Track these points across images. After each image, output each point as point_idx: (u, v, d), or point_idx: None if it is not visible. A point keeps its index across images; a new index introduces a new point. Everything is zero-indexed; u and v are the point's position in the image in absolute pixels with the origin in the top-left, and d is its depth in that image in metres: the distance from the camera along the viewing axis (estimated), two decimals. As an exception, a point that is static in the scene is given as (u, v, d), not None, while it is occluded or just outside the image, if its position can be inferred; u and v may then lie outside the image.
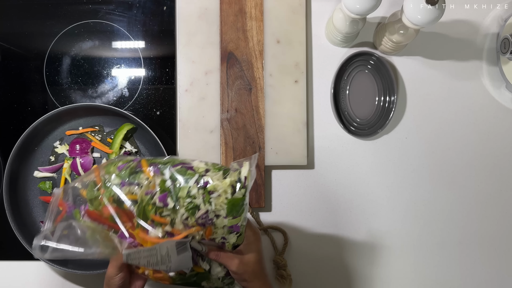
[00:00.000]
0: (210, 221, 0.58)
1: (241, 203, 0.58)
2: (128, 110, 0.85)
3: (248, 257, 0.62)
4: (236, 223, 0.58)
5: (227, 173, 0.58)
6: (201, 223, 0.58)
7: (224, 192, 0.57)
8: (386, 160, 0.84)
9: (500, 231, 0.83)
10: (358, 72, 0.84)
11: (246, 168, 0.58)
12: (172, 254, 0.57)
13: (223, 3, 0.82)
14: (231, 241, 0.60)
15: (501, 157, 0.84)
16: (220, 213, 0.57)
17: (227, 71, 0.81)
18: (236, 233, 0.59)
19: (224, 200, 0.57)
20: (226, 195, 0.57)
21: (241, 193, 0.57)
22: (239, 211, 0.58)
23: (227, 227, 0.58)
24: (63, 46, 0.87)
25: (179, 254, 0.58)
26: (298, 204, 0.83)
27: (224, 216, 0.57)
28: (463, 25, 0.85)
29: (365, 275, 0.83)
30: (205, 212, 0.57)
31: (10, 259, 0.83)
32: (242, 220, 0.59)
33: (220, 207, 0.57)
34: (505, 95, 0.84)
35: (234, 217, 0.58)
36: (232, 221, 0.58)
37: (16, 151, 0.77)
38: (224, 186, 0.57)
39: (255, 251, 0.62)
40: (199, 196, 0.57)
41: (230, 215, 0.57)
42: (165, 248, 0.57)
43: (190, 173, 0.58)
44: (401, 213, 0.83)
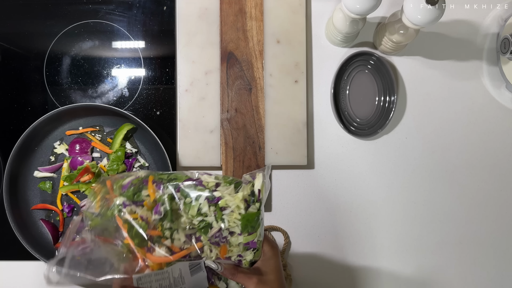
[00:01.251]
0: (224, 240, 0.54)
1: (256, 218, 0.54)
2: (128, 110, 0.85)
3: (267, 275, 0.58)
4: (252, 239, 0.55)
5: (239, 187, 0.55)
6: (214, 242, 0.55)
7: (237, 208, 0.53)
8: (386, 160, 0.84)
9: (500, 231, 0.83)
10: (358, 72, 0.84)
11: (259, 180, 0.55)
12: (186, 276, 0.55)
13: (223, 3, 0.82)
14: (248, 258, 0.57)
15: (501, 157, 0.84)
16: (235, 230, 0.54)
17: (227, 71, 0.81)
18: (253, 250, 0.56)
19: (237, 216, 0.53)
20: (239, 211, 0.53)
21: (256, 207, 0.54)
22: (254, 227, 0.54)
23: (242, 244, 0.55)
24: (63, 46, 0.87)
25: (193, 274, 0.55)
26: (298, 204, 0.83)
27: (238, 233, 0.54)
28: (463, 25, 0.85)
29: (364, 275, 0.83)
30: (218, 231, 0.54)
31: (10, 259, 0.83)
32: (259, 236, 0.56)
33: (234, 224, 0.54)
34: (505, 95, 0.84)
35: (250, 233, 0.54)
36: (248, 237, 0.54)
37: (16, 151, 0.77)
38: (236, 201, 0.53)
39: (274, 268, 0.59)
40: (210, 213, 0.54)
41: (245, 231, 0.54)
42: (177, 270, 0.54)
43: (200, 188, 0.54)
44: (401, 213, 0.83)
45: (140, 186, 0.56)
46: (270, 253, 0.59)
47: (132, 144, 0.82)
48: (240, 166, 0.80)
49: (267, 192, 0.57)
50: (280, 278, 0.60)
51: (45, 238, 0.80)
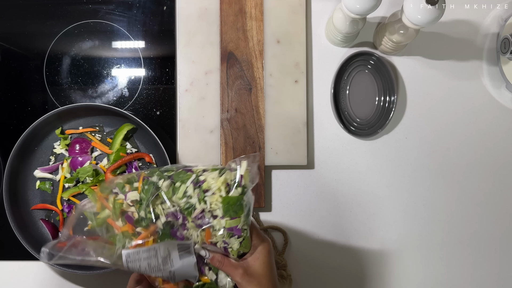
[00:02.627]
0: (207, 222, 0.56)
1: (238, 202, 0.56)
2: (128, 110, 0.85)
3: (254, 268, 0.58)
4: (236, 225, 0.56)
5: (223, 172, 0.57)
6: (198, 224, 0.57)
7: (218, 190, 0.56)
8: (386, 160, 0.84)
9: (500, 231, 0.83)
10: (358, 72, 0.84)
11: (243, 166, 0.57)
12: (175, 258, 0.56)
13: (223, 3, 0.82)
14: (234, 247, 0.58)
15: (501, 157, 0.84)
16: (217, 212, 0.56)
17: (227, 71, 0.81)
18: (238, 237, 0.57)
19: (218, 198, 0.56)
20: (220, 193, 0.56)
21: (238, 191, 0.56)
22: (237, 212, 0.56)
23: (226, 229, 0.56)
24: (63, 46, 0.87)
25: (182, 258, 0.56)
26: (298, 204, 0.83)
27: (221, 216, 0.56)
28: (463, 25, 0.85)
29: (364, 275, 0.83)
30: (200, 212, 0.56)
31: (10, 259, 0.83)
32: (243, 223, 0.57)
33: (215, 206, 0.56)
34: (505, 95, 0.84)
35: (232, 218, 0.56)
36: (230, 222, 0.56)
37: (16, 151, 0.77)
38: (218, 184, 0.56)
39: (263, 262, 0.58)
40: (194, 195, 0.56)
41: (227, 215, 0.56)
42: (165, 249, 0.55)
43: (188, 175, 0.58)
44: (401, 213, 0.83)
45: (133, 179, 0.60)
46: (260, 247, 0.59)
47: (132, 144, 0.82)
48: (240, 166, 0.80)
49: (255, 181, 0.58)
50: (270, 273, 0.58)
51: (45, 238, 0.80)
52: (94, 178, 0.79)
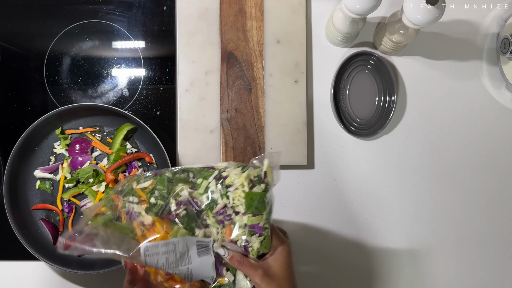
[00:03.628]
0: (228, 218, 0.56)
1: (261, 199, 0.55)
2: (128, 110, 0.85)
3: (274, 269, 0.56)
4: (258, 223, 0.56)
5: (246, 169, 0.57)
6: (219, 220, 0.56)
7: (241, 186, 0.55)
8: (386, 160, 0.84)
9: (500, 231, 0.83)
10: (358, 72, 0.84)
11: (266, 163, 0.57)
12: (193, 255, 0.55)
13: (223, 3, 0.82)
14: (255, 246, 0.57)
15: (501, 157, 0.84)
16: (239, 208, 0.55)
17: (227, 71, 0.81)
18: (259, 236, 0.56)
19: (241, 194, 0.55)
20: (243, 188, 0.55)
21: (261, 188, 0.56)
22: (259, 208, 0.55)
23: (247, 226, 0.56)
24: (63, 46, 0.87)
25: (200, 256, 0.56)
26: (298, 204, 0.83)
27: (243, 212, 0.55)
28: (463, 25, 0.85)
29: (365, 275, 0.83)
30: (222, 207, 0.56)
31: (10, 259, 0.83)
32: (264, 221, 0.56)
33: (238, 202, 0.55)
34: (505, 95, 0.84)
35: (254, 215, 0.55)
36: (252, 219, 0.55)
37: (16, 151, 0.77)
38: (241, 180, 0.55)
39: (283, 264, 0.57)
40: (217, 190, 0.56)
41: (249, 211, 0.55)
42: (184, 245, 0.55)
43: (211, 171, 0.58)
44: (401, 213, 0.83)
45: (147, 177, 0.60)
46: (280, 248, 0.58)
47: (132, 144, 0.82)
48: (240, 166, 0.80)
49: (278, 179, 0.58)
50: (290, 276, 0.57)
51: (45, 238, 0.80)
52: (94, 178, 0.79)
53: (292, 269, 0.58)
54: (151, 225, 0.57)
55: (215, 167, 0.58)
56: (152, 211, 0.57)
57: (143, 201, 0.58)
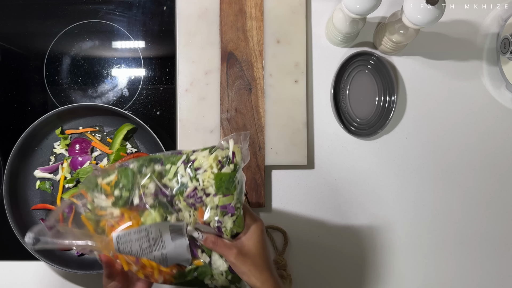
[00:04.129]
0: (199, 200, 0.56)
1: (231, 179, 0.56)
2: (128, 110, 0.85)
3: (248, 247, 0.57)
4: (229, 203, 0.56)
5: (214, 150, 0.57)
6: (191, 203, 0.56)
7: (210, 167, 0.55)
8: (386, 160, 0.84)
9: (500, 231, 0.83)
10: (358, 72, 0.84)
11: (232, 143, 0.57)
12: (166, 239, 0.55)
13: (223, 3, 0.82)
14: (228, 226, 0.57)
15: (501, 157, 0.84)
16: (209, 190, 0.56)
17: (227, 71, 0.81)
18: (231, 216, 0.57)
19: (211, 175, 0.55)
20: (212, 170, 0.55)
21: (230, 168, 0.56)
22: (229, 188, 0.56)
23: (219, 207, 0.56)
24: (63, 46, 0.87)
25: (174, 239, 0.56)
26: (298, 204, 0.83)
27: (213, 193, 0.56)
28: (463, 25, 0.85)
29: (365, 275, 0.83)
30: (193, 190, 0.56)
31: (10, 259, 0.83)
32: (236, 201, 0.56)
33: (208, 183, 0.55)
34: (505, 95, 0.84)
35: (225, 195, 0.56)
36: (223, 199, 0.56)
37: (16, 151, 0.77)
38: (210, 161, 0.56)
39: (257, 242, 0.58)
40: (186, 174, 0.56)
41: (219, 192, 0.55)
42: (157, 230, 0.55)
43: (179, 156, 0.58)
44: (401, 213, 0.83)
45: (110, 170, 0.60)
46: (253, 226, 0.58)
47: (132, 144, 0.82)
48: (240, 166, 0.80)
49: (247, 159, 0.58)
50: (264, 252, 0.58)
51: (45, 238, 0.80)
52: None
53: (266, 245, 0.59)
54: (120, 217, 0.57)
55: (183, 152, 0.58)
56: (119, 204, 0.57)
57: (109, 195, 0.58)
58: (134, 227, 0.55)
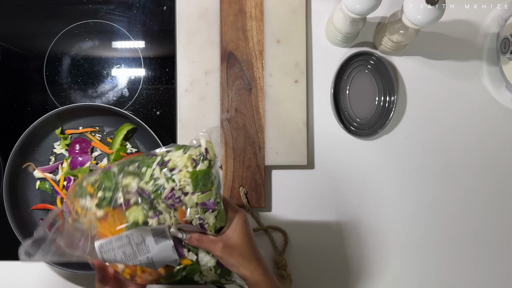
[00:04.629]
0: (178, 200, 0.56)
1: (207, 175, 0.56)
2: (128, 110, 0.85)
3: (234, 240, 0.58)
4: (208, 199, 0.56)
5: (188, 149, 0.57)
6: (170, 204, 0.56)
7: (185, 167, 0.55)
8: (386, 160, 0.84)
9: (500, 231, 0.83)
10: (358, 72, 0.84)
11: (203, 140, 0.57)
12: (150, 244, 0.55)
13: (223, 3, 0.82)
14: (210, 222, 0.57)
15: (501, 157, 0.84)
16: (187, 189, 0.55)
17: (227, 71, 0.81)
18: (212, 211, 0.57)
19: (186, 174, 0.55)
20: (187, 169, 0.55)
21: (205, 165, 0.56)
22: (207, 185, 0.56)
23: (199, 205, 0.56)
24: (63, 46, 0.87)
25: (158, 243, 0.56)
26: (298, 204, 0.83)
27: (191, 192, 0.55)
28: (463, 25, 0.85)
29: (365, 275, 0.83)
30: (170, 191, 0.55)
31: (10, 259, 0.83)
32: (215, 196, 0.56)
33: (184, 183, 0.55)
34: (505, 95, 0.84)
35: (203, 192, 0.55)
36: (202, 196, 0.56)
37: (16, 151, 0.77)
38: (184, 161, 0.55)
39: (241, 233, 0.58)
40: (161, 176, 0.56)
41: (197, 189, 0.55)
42: (139, 236, 0.55)
43: (154, 158, 0.57)
44: (401, 213, 0.83)
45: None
46: (236, 219, 0.59)
47: (132, 144, 0.82)
48: (240, 166, 0.80)
49: (221, 153, 0.58)
50: (249, 242, 0.59)
51: (45, 238, 0.80)
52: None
53: (250, 235, 0.59)
54: (104, 217, 0.57)
55: (157, 153, 0.58)
56: (102, 205, 0.57)
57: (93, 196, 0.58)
58: (115, 235, 0.55)
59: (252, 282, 0.58)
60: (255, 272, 0.58)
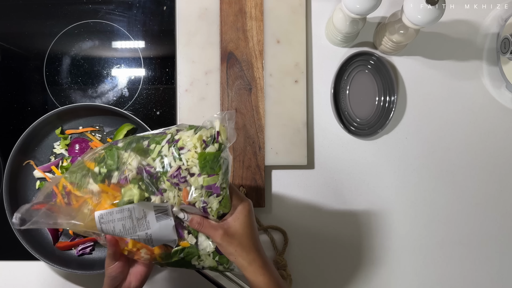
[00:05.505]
0: (183, 180, 0.55)
1: (216, 159, 0.55)
2: (128, 110, 0.85)
3: (235, 228, 0.57)
4: (214, 183, 0.55)
5: (199, 130, 0.56)
6: (175, 183, 0.55)
7: (194, 147, 0.54)
8: (386, 160, 0.84)
9: (500, 231, 0.83)
10: (358, 72, 0.84)
11: (217, 123, 0.56)
12: (151, 220, 0.55)
13: (223, 3, 0.82)
14: (213, 207, 0.56)
15: (501, 157, 0.84)
16: (193, 170, 0.55)
17: (227, 71, 0.81)
18: (217, 196, 0.56)
19: (194, 154, 0.54)
20: (196, 149, 0.54)
21: (214, 147, 0.55)
22: (214, 168, 0.55)
23: (204, 187, 0.55)
24: (63, 46, 0.87)
25: (159, 220, 0.55)
26: (298, 204, 0.83)
27: (197, 173, 0.55)
28: (463, 25, 0.85)
29: (365, 275, 0.83)
30: (176, 169, 0.55)
31: (10, 259, 0.83)
32: (221, 181, 0.55)
33: (192, 163, 0.54)
34: (505, 95, 0.84)
35: (210, 175, 0.55)
36: (208, 179, 0.55)
37: (16, 151, 0.77)
38: (193, 141, 0.54)
39: (244, 222, 0.57)
40: (169, 154, 0.55)
41: (204, 171, 0.54)
42: (141, 210, 0.54)
43: (164, 136, 0.57)
44: (401, 213, 0.83)
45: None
46: (240, 207, 0.58)
47: (132, 144, 0.82)
48: (240, 166, 0.80)
49: (233, 139, 0.57)
50: (251, 233, 0.58)
51: (45, 238, 0.80)
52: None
53: (253, 226, 0.59)
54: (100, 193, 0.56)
55: (167, 132, 0.57)
56: (97, 180, 0.56)
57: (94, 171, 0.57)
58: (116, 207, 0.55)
59: (249, 272, 0.57)
60: (253, 263, 0.57)
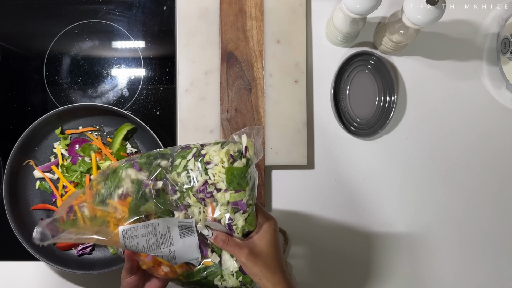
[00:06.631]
0: (209, 195, 0.54)
1: (243, 174, 0.53)
2: (128, 110, 0.85)
3: (260, 247, 0.55)
4: (240, 199, 0.53)
5: (226, 145, 0.55)
6: (200, 198, 0.54)
7: (221, 161, 0.53)
8: (386, 160, 0.84)
9: (500, 231, 0.83)
10: (358, 72, 0.84)
11: (245, 137, 0.55)
12: (175, 236, 0.54)
13: (223, 3, 0.82)
14: (239, 224, 0.55)
15: (501, 157, 0.84)
16: (220, 185, 0.54)
17: (227, 71, 0.81)
18: (243, 213, 0.54)
19: (221, 169, 0.53)
20: (223, 164, 0.53)
21: (242, 163, 0.54)
22: (241, 184, 0.53)
23: (230, 203, 0.54)
24: (63, 46, 0.87)
25: (183, 236, 0.54)
26: (298, 204, 0.83)
27: (224, 189, 0.53)
28: (463, 25, 0.85)
29: (365, 275, 0.83)
30: (203, 184, 0.54)
31: (10, 259, 0.83)
32: (248, 197, 0.54)
33: (219, 178, 0.53)
34: (505, 95, 0.84)
35: (237, 191, 0.53)
36: (234, 195, 0.53)
37: (16, 151, 0.77)
38: (221, 156, 0.53)
39: (269, 242, 0.55)
40: (195, 168, 0.54)
41: (231, 187, 0.53)
42: (165, 226, 0.53)
43: (189, 150, 0.56)
44: (401, 213, 0.83)
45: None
46: (265, 225, 0.56)
47: (132, 144, 0.82)
48: (240, 166, 0.80)
49: (260, 154, 0.56)
50: (276, 253, 0.56)
51: (45, 238, 0.80)
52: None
53: (279, 246, 0.57)
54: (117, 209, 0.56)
55: (191, 146, 0.57)
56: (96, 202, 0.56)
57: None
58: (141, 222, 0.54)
59: None
60: (278, 286, 0.54)
